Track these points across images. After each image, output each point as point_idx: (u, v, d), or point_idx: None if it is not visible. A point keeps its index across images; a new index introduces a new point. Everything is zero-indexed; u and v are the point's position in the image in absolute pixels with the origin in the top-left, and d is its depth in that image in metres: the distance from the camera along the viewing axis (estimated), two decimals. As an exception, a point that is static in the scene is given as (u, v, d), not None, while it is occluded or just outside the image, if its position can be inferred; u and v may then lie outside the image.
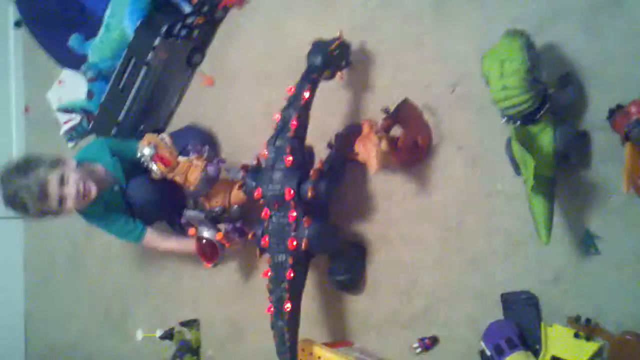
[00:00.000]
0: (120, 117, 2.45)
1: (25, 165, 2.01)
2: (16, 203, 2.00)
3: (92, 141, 2.31)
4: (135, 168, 2.09)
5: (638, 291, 1.42)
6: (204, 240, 2.09)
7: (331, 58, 1.75)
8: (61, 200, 2.00)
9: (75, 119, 2.91)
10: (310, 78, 1.72)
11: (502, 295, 1.60)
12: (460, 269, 1.69)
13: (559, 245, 1.49)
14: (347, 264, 1.87)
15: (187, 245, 2.20)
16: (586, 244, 1.48)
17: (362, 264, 1.89)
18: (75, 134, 2.84)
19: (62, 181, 2.00)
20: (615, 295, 1.45)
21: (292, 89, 1.71)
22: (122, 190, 2.16)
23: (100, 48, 2.49)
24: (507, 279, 1.60)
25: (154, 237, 2.24)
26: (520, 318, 1.57)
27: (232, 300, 2.30)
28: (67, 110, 2.85)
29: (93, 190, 2.05)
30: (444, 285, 1.72)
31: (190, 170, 1.97)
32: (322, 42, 1.76)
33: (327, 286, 1.95)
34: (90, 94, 2.60)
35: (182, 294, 2.51)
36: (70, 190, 2.00)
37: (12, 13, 3.40)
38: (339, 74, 1.81)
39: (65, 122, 2.98)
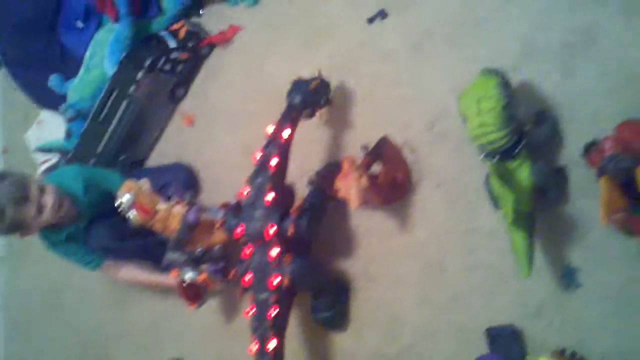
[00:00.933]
0: (100, 149, 2.44)
1: (2, 175, 1.98)
2: None
3: (68, 167, 2.28)
4: (106, 201, 2.05)
5: (621, 323, 1.44)
6: (186, 283, 2.08)
7: (311, 96, 1.78)
8: (40, 208, 1.95)
9: (53, 159, 2.89)
10: (290, 117, 1.74)
11: (486, 330, 1.61)
12: (443, 305, 1.70)
13: (540, 278, 1.51)
14: (330, 300, 1.86)
15: (161, 278, 2.18)
16: (567, 277, 1.49)
17: (345, 301, 1.88)
18: (52, 174, 2.82)
19: (41, 190, 1.96)
20: (599, 327, 1.47)
21: (273, 128, 1.73)
22: (83, 229, 2.13)
23: (79, 88, 2.49)
24: (490, 313, 1.61)
25: (114, 269, 2.21)
26: (506, 352, 1.57)
27: (217, 339, 2.27)
28: (44, 149, 2.83)
29: (65, 206, 2.02)
30: (427, 322, 1.73)
31: (170, 219, 1.95)
32: (301, 81, 1.79)
33: (311, 324, 1.94)
34: (68, 133, 2.59)
35: (165, 334, 2.47)
36: (48, 199, 1.96)
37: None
38: (318, 112, 1.83)
39: (42, 162, 2.96)
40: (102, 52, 2.38)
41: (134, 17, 2.30)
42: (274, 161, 1.68)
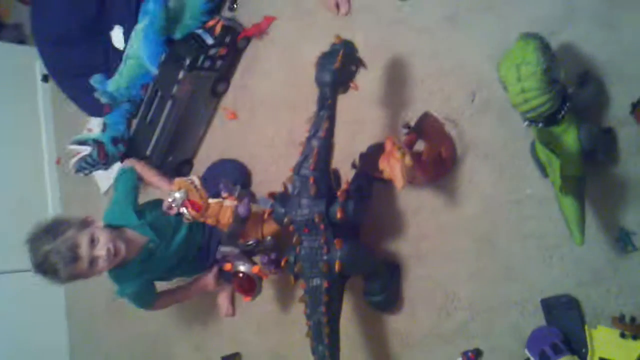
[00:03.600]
0: (149, 151, 2.49)
1: (54, 229, 1.97)
2: (46, 268, 1.95)
3: (113, 201, 2.26)
4: (162, 220, 2.11)
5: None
6: (241, 275, 2.10)
7: (341, 72, 1.65)
8: (92, 261, 1.96)
9: (86, 149, 2.95)
10: (326, 105, 1.66)
11: (542, 300, 1.58)
12: (497, 278, 1.67)
13: (594, 245, 1.47)
14: (382, 283, 1.85)
15: (197, 286, 2.24)
16: (622, 241, 1.45)
17: (397, 282, 1.87)
18: (85, 164, 2.85)
19: (92, 241, 1.96)
20: (658, 290, 1.42)
21: (311, 117, 1.69)
22: (158, 246, 2.12)
23: (117, 80, 2.54)
24: (545, 284, 1.58)
25: (165, 299, 2.27)
26: (563, 322, 1.54)
27: (272, 330, 2.30)
28: (80, 142, 2.88)
29: (122, 249, 2.01)
30: (482, 296, 1.70)
31: (222, 212, 1.97)
32: (325, 58, 1.66)
33: (364, 308, 1.94)
34: (104, 127, 2.64)
35: (222, 329, 2.51)
36: (101, 250, 1.96)
37: (39, 68, 3.52)
38: (352, 84, 1.72)
39: (76, 154, 3.03)
40: (138, 40, 2.40)
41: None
42: (315, 155, 1.65)
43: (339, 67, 1.63)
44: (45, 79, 3.49)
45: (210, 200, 1.98)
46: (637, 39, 1.44)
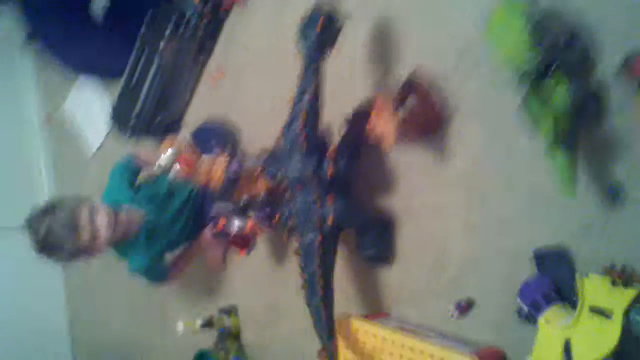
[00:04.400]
0: (136, 111, 2.48)
1: (52, 207, 1.99)
2: (49, 243, 1.95)
3: (109, 183, 2.28)
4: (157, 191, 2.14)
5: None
6: (236, 230, 2.12)
7: (322, 37, 1.66)
8: (94, 232, 1.98)
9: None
10: (311, 68, 1.67)
11: (533, 251, 1.60)
12: (489, 231, 1.69)
13: (586, 197, 1.48)
14: (375, 237, 1.88)
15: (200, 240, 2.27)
16: (612, 192, 1.46)
17: (389, 236, 1.90)
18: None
19: (92, 212, 1.98)
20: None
21: (297, 83, 1.69)
22: (157, 217, 2.16)
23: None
24: (537, 235, 1.59)
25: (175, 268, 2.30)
26: (555, 272, 1.56)
27: (266, 284, 2.34)
28: None
29: (123, 218, 2.04)
30: (475, 249, 1.72)
31: (214, 170, 1.97)
32: (306, 24, 1.68)
33: (358, 262, 1.96)
34: None
35: (218, 284, 2.55)
36: (102, 220, 1.98)
37: (21, 31, 3.46)
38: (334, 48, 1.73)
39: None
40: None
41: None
42: (305, 109, 1.67)
43: (320, 31, 1.64)
44: (28, 41, 3.44)
45: (202, 158, 1.99)
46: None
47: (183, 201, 2.20)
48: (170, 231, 2.19)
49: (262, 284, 2.36)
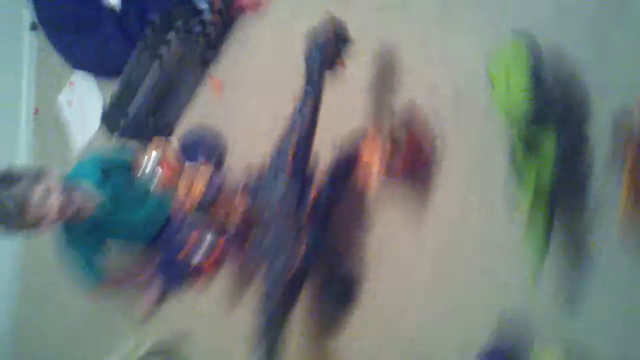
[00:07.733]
0: (131, 111, 2.45)
1: (10, 178, 1.95)
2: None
3: (87, 159, 2.27)
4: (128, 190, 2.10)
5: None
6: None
7: (329, 50, 1.67)
8: (42, 214, 1.95)
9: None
10: (313, 81, 1.65)
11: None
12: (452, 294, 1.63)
13: (556, 266, 1.42)
14: (339, 290, 1.85)
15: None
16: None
17: (354, 292, 1.83)
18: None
19: (46, 193, 1.95)
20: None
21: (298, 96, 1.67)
22: (110, 211, 2.11)
23: None
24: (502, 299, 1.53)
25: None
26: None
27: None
28: None
29: (79, 200, 2.01)
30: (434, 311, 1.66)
31: (196, 179, 1.94)
32: (314, 35, 1.67)
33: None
34: None
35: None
36: (55, 202, 1.96)
37: (27, 16, 3.46)
38: (339, 62, 1.74)
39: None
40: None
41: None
42: (300, 124, 1.65)
43: (327, 44, 1.65)
44: (34, 27, 3.43)
45: (186, 164, 1.96)
46: (624, 53, 1.42)
47: (148, 216, 2.17)
48: (118, 233, 2.17)
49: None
